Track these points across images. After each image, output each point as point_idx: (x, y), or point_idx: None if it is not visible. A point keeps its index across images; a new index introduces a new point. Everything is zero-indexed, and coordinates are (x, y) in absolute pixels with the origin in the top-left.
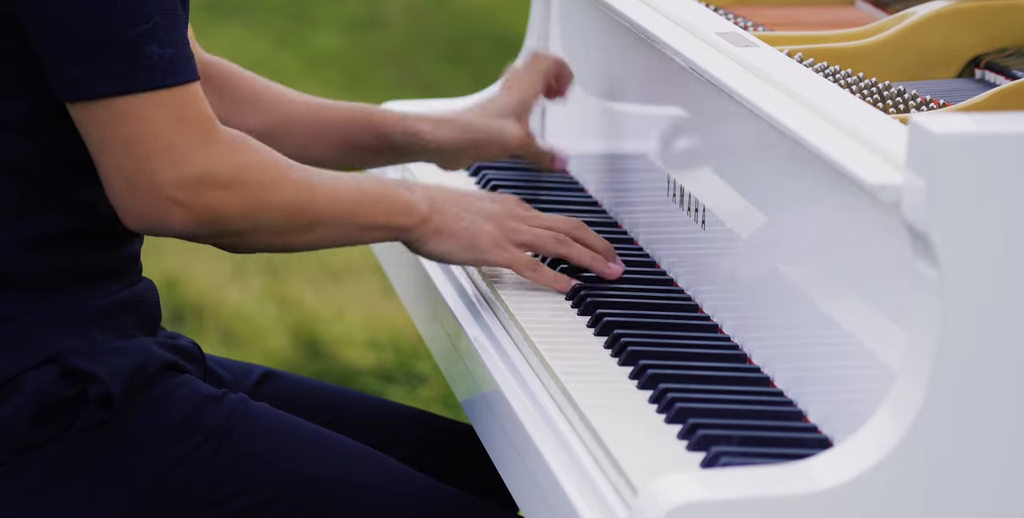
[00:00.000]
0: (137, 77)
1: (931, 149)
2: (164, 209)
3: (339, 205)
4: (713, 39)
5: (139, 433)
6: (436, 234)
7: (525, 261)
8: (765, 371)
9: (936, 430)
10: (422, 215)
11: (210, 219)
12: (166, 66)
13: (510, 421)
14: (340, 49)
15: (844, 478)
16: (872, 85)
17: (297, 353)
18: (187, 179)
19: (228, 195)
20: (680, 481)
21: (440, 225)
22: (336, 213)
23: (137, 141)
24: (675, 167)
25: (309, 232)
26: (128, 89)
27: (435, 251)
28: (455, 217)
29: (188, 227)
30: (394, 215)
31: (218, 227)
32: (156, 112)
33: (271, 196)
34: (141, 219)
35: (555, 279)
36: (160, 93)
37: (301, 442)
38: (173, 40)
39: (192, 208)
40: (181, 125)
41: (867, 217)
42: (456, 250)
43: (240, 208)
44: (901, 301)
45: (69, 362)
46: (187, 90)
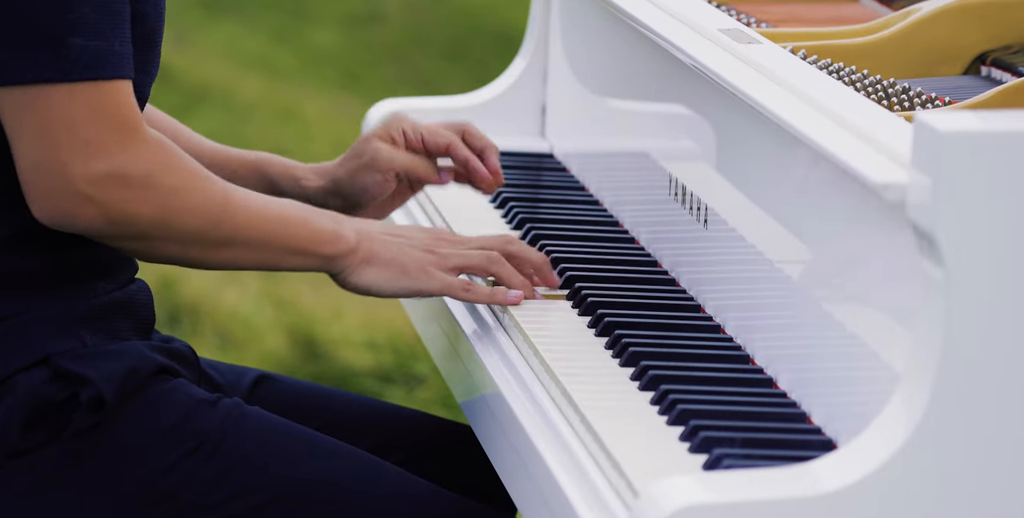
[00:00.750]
0: (54, 66)
1: (936, 147)
2: (73, 203)
3: (258, 224)
4: (716, 35)
5: (131, 438)
6: (364, 264)
7: (456, 284)
8: (768, 372)
9: (941, 432)
10: (348, 245)
11: (118, 218)
12: (88, 59)
13: (510, 423)
14: (338, 46)
15: (848, 481)
16: (877, 82)
17: (294, 354)
18: (99, 175)
19: (139, 196)
20: (682, 483)
21: (368, 254)
22: (254, 232)
23: (50, 131)
24: (677, 166)
25: (223, 249)
26: (42, 78)
27: (361, 282)
28: (383, 247)
29: (96, 224)
30: (318, 242)
31: (126, 228)
32: (72, 104)
33: (185, 202)
34: (49, 212)
35: (491, 295)
36: (79, 86)
37: (296, 447)
38: (103, 33)
39: (101, 205)
40: (98, 120)
41: (871, 216)
42: (383, 280)
43: (150, 211)
44: (906, 301)
45: (60, 365)
46: (110, 86)
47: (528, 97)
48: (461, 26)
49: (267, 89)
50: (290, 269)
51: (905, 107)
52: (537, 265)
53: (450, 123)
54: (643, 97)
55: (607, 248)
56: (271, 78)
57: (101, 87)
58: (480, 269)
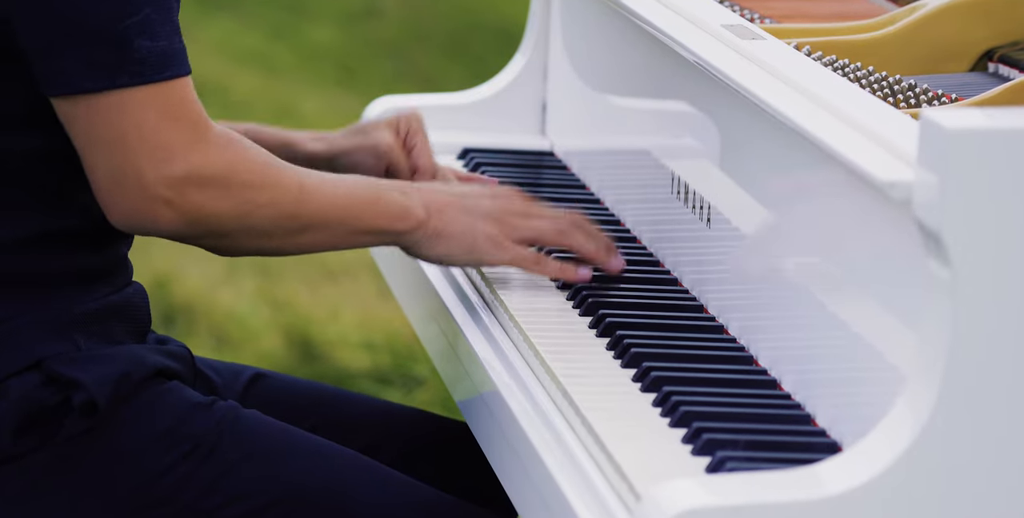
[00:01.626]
0: (125, 70)
1: (943, 145)
2: (151, 208)
3: (332, 209)
4: (719, 31)
5: (124, 442)
6: (435, 237)
7: (527, 256)
8: (772, 373)
9: (948, 434)
10: (418, 219)
11: (198, 219)
12: (156, 60)
13: (510, 424)
14: (335, 42)
15: (853, 484)
16: (882, 79)
17: (291, 355)
18: (175, 177)
19: (217, 195)
20: (685, 486)
21: (438, 228)
22: (328, 217)
23: (124, 137)
24: (679, 163)
25: (300, 236)
26: (115, 83)
27: (433, 254)
28: (452, 219)
29: (176, 227)
30: (390, 219)
31: (206, 227)
32: (144, 108)
33: (261, 197)
34: (128, 218)
35: (561, 269)
36: (149, 88)
37: (293, 450)
38: (164, 33)
39: (180, 207)
40: (170, 122)
41: (877, 215)
42: (456, 252)
43: (229, 208)
44: (912, 301)
45: (53, 369)
46: (177, 85)
47: (528, 94)
48: (460, 22)
49: (263, 86)
50: (364, 246)
51: (911, 104)
52: (603, 246)
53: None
54: (645, 94)
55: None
56: (268, 74)
57: (170, 88)
58: (551, 241)
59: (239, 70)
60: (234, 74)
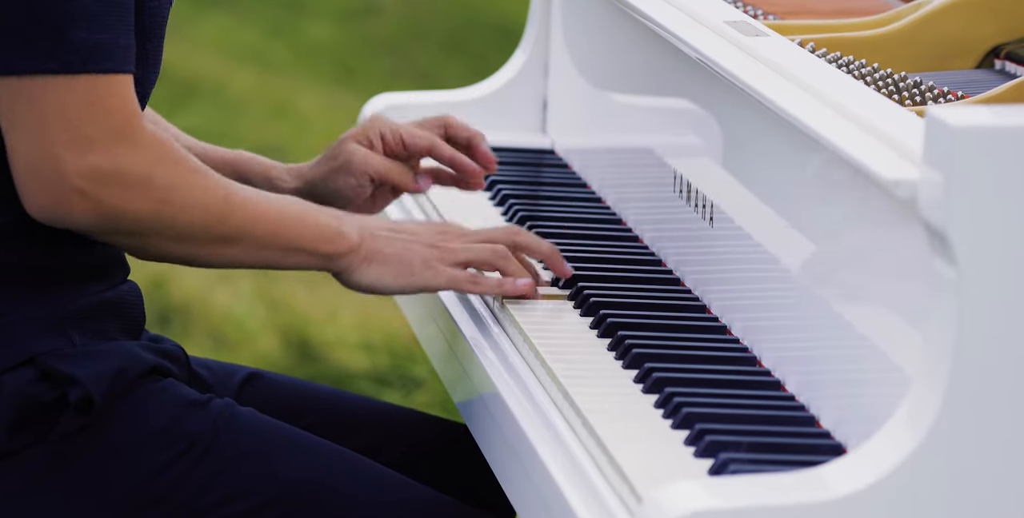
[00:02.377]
0: (53, 57)
1: (949, 143)
2: (67, 199)
3: (259, 222)
4: (721, 28)
5: (120, 440)
6: (366, 262)
7: (463, 277)
8: (776, 375)
9: (953, 436)
10: (349, 244)
11: (113, 215)
12: (88, 52)
13: (510, 426)
14: (333, 39)
15: (858, 486)
16: (887, 76)
17: (288, 356)
18: (93, 170)
19: (136, 193)
20: (687, 489)
21: (371, 252)
22: (255, 229)
23: (45, 125)
24: (682, 162)
25: (222, 246)
26: (40, 69)
27: (364, 281)
28: (386, 244)
29: (89, 220)
30: (319, 240)
31: (121, 224)
32: (70, 97)
33: (183, 199)
34: (42, 207)
35: (499, 285)
36: (78, 79)
37: (289, 448)
38: (108, 27)
39: (95, 201)
40: (96, 115)
41: (882, 214)
42: (388, 277)
43: (148, 208)
44: (917, 301)
45: (48, 364)
46: (109, 80)
47: (529, 91)
48: (460, 18)
49: (260, 83)
50: (291, 268)
51: (916, 102)
52: (547, 255)
53: (430, 119)
54: (647, 91)
55: (610, 247)
56: (264, 72)
57: (101, 81)
58: (486, 263)
59: (236, 67)
60: (231, 72)
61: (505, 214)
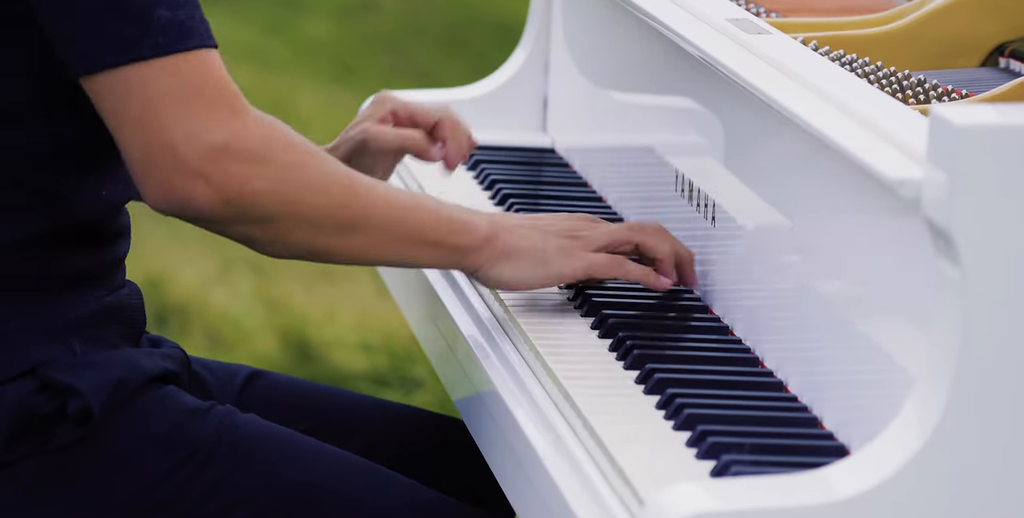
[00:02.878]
0: (147, 42)
1: (953, 142)
2: (186, 184)
3: (385, 208)
4: (723, 26)
5: (120, 450)
6: (503, 257)
7: (605, 260)
8: (778, 375)
9: (958, 437)
10: (484, 235)
11: (237, 198)
12: (177, 30)
13: (510, 427)
14: (332, 36)
15: (861, 488)
16: (891, 74)
17: (286, 356)
18: (210, 149)
19: (257, 171)
20: (689, 491)
21: (506, 247)
22: (384, 216)
23: (153, 112)
24: (683, 161)
25: (352, 235)
26: (138, 56)
27: (503, 277)
28: (520, 236)
29: (214, 205)
30: (450, 231)
31: (248, 208)
32: (171, 80)
33: (307, 178)
34: (163, 197)
35: (644, 274)
36: (173, 58)
37: (292, 454)
38: (182, 4)
39: (218, 184)
40: (199, 93)
41: (885, 213)
42: (526, 272)
43: (271, 187)
44: (921, 302)
45: (48, 374)
46: (203, 55)
47: (529, 90)
48: (459, 16)
49: (259, 81)
50: (425, 264)
51: (920, 100)
52: (682, 259)
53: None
54: (648, 90)
55: None
56: (263, 70)
57: (194, 58)
58: (623, 239)
59: (234, 65)
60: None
61: None
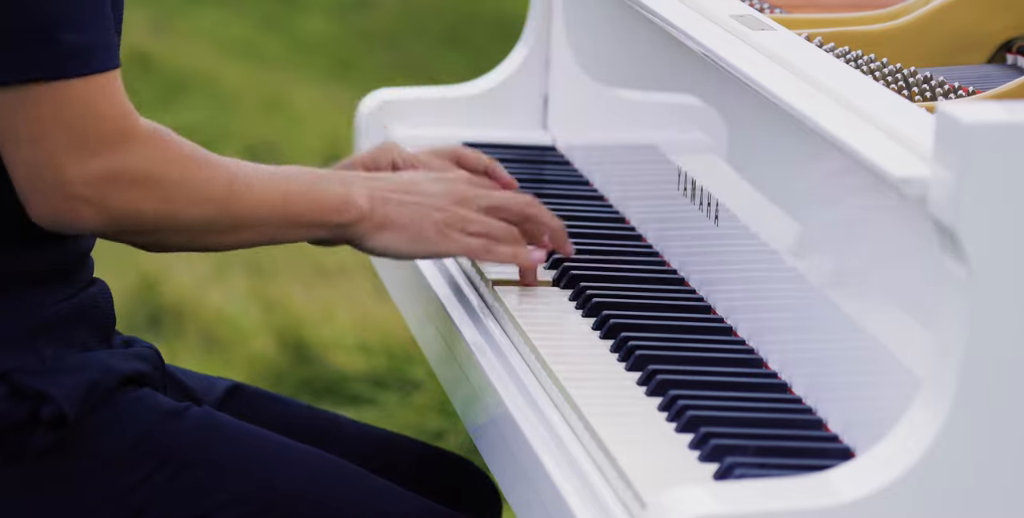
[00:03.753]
0: (45, 64)
1: (960, 139)
2: (72, 207)
3: (265, 204)
4: (727, 22)
5: (95, 455)
6: (379, 229)
7: (477, 245)
8: (783, 377)
9: (965, 439)
10: (359, 211)
11: (122, 217)
12: (80, 53)
13: (510, 430)
14: (329, 33)
15: (867, 491)
16: (897, 71)
17: (283, 357)
18: (97, 176)
19: (140, 194)
20: (692, 494)
21: (383, 219)
22: (262, 213)
23: (44, 134)
24: (686, 159)
25: (234, 233)
26: (33, 76)
27: (377, 246)
28: (398, 207)
29: (98, 225)
30: (328, 212)
31: (131, 226)
32: (66, 103)
33: (189, 195)
34: (48, 217)
35: (514, 254)
36: (72, 82)
37: (271, 456)
38: (92, 26)
39: (100, 206)
40: (92, 118)
41: (891, 212)
42: (401, 244)
43: (154, 208)
44: (927, 302)
45: (18, 381)
46: (101, 79)
47: (529, 87)
48: (459, 12)
49: (253, 78)
50: (302, 240)
51: (927, 97)
52: (554, 230)
53: (440, 149)
54: (651, 87)
55: (613, 246)
56: (258, 66)
57: (94, 82)
58: (513, 208)
59: (228, 62)
60: (223, 66)
61: None
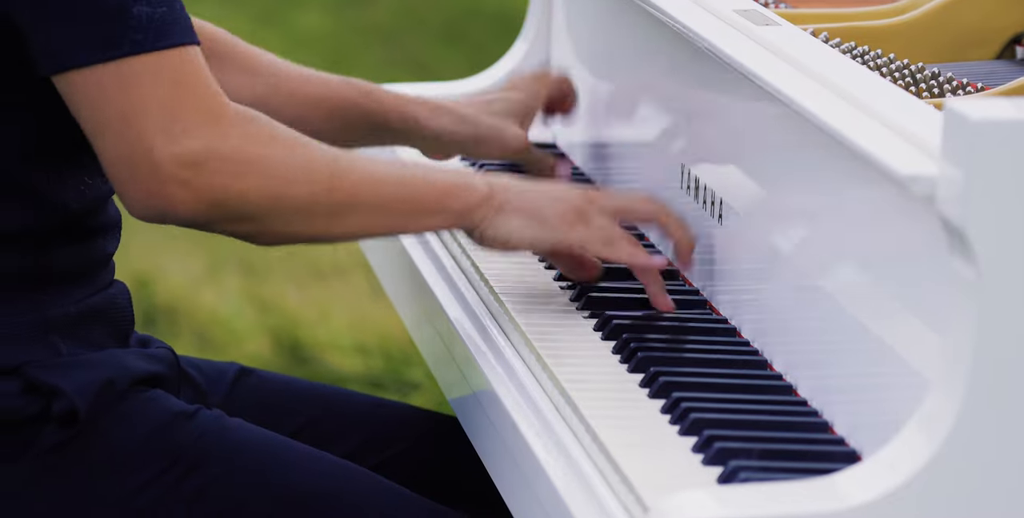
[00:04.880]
0: (124, 39)
1: (968, 137)
2: (166, 191)
3: (378, 184)
4: (731, 17)
5: (105, 454)
6: (500, 213)
7: (598, 236)
8: (787, 379)
9: (973, 443)
10: (481, 194)
11: (220, 200)
12: (157, 27)
13: (510, 433)
14: (326, 28)
15: (873, 495)
16: (904, 67)
17: (278, 359)
18: (189, 155)
19: (238, 172)
20: (695, 498)
21: (503, 202)
22: (375, 193)
23: (132, 114)
24: (689, 156)
25: (344, 217)
26: (116, 54)
27: (499, 232)
28: (519, 195)
29: (196, 210)
30: (445, 197)
31: (231, 210)
32: (150, 79)
33: (289, 172)
34: (144, 204)
35: (632, 254)
36: (153, 56)
37: (281, 460)
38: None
39: (198, 188)
40: (180, 94)
41: (898, 211)
42: (523, 228)
43: (254, 186)
44: (935, 303)
45: (33, 375)
46: (184, 53)
47: None
48: (458, 7)
49: None
50: (422, 230)
51: (935, 94)
52: (678, 241)
53: None
54: (653, 83)
55: None
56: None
57: (175, 56)
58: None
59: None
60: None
61: None
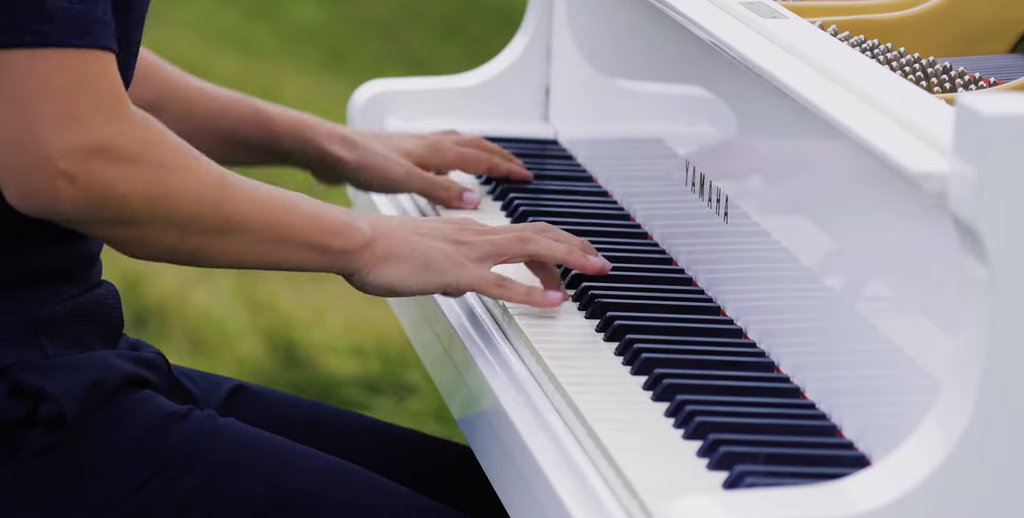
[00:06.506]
0: (33, 29)
1: (981, 133)
2: (51, 183)
3: (259, 209)
4: (737, 10)
5: (95, 457)
6: (383, 261)
7: (490, 278)
8: (795, 381)
9: (985, 447)
10: (363, 238)
11: (104, 200)
12: (71, 23)
13: (510, 436)
14: (320, 21)
15: (883, 500)
16: (915, 61)
17: (272, 361)
18: (80, 149)
19: (127, 172)
20: (700, 504)
21: (386, 251)
22: (257, 217)
23: (24, 102)
24: (694, 153)
25: (223, 237)
26: (20, 42)
27: (381, 280)
28: (404, 240)
29: (78, 206)
30: (328, 234)
31: (113, 211)
32: (54, 72)
33: (178, 181)
34: (26, 195)
35: (528, 293)
36: (61, 52)
37: (275, 460)
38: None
39: (83, 184)
40: (80, 90)
41: (909, 209)
42: (407, 275)
43: (140, 189)
44: (947, 303)
45: (19, 377)
46: (92, 56)
47: (530, 78)
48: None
49: (242, 68)
50: (299, 267)
51: (946, 88)
52: (577, 246)
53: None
54: (657, 78)
55: (617, 244)
56: (247, 56)
57: (83, 56)
58: (513, 251)
59: (216, 51)
60: (211, 55)
61: (505, 209)
